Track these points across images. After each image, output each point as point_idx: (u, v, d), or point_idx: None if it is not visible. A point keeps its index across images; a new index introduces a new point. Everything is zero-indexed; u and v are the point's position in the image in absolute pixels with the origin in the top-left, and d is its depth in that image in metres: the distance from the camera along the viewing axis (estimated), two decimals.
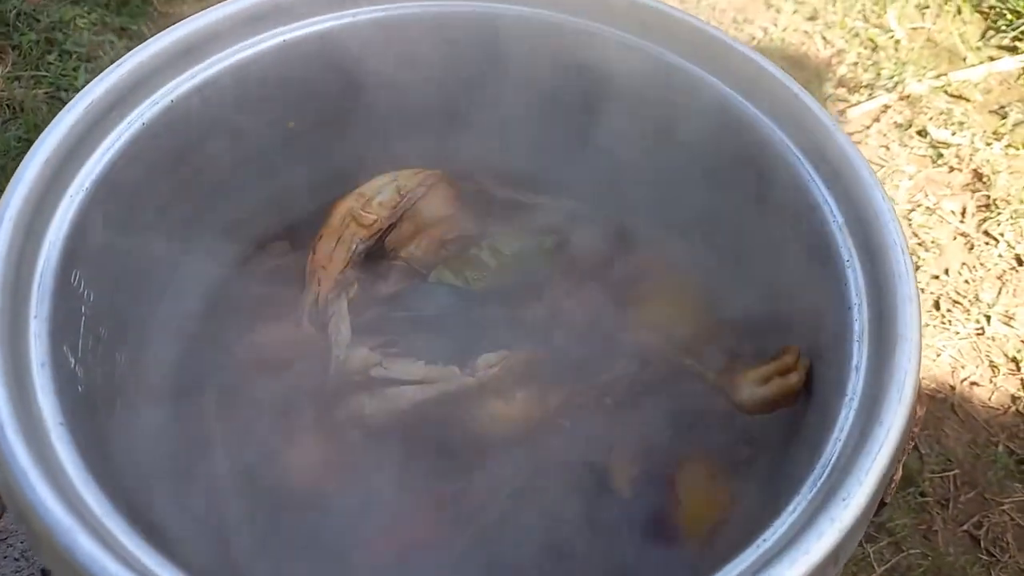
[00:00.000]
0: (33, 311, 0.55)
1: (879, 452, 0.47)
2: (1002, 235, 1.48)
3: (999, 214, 1.50)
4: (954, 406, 1.31)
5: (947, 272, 1.44)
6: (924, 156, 1.61)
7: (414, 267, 0.78)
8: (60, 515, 0.45)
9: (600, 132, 0.78)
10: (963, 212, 1.53)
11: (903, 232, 0.59)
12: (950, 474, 1.24)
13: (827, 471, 0.50)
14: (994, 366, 1.34)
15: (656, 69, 0.74)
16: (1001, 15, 1.80)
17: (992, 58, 1.75)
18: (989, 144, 1.60)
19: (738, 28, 1.79)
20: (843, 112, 1.67)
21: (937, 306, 1.40)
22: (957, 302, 1.41)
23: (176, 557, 0.46)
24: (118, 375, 0.63)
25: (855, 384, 0.54)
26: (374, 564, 0.65)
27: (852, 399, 0.53)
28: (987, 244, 1.48)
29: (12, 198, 0.55)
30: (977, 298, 1.41)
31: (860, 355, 0.55)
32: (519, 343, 0.72)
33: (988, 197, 1.53)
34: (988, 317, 1.38)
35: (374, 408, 0.67)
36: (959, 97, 1.69)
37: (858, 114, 1.67)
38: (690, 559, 0.66)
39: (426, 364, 0.68)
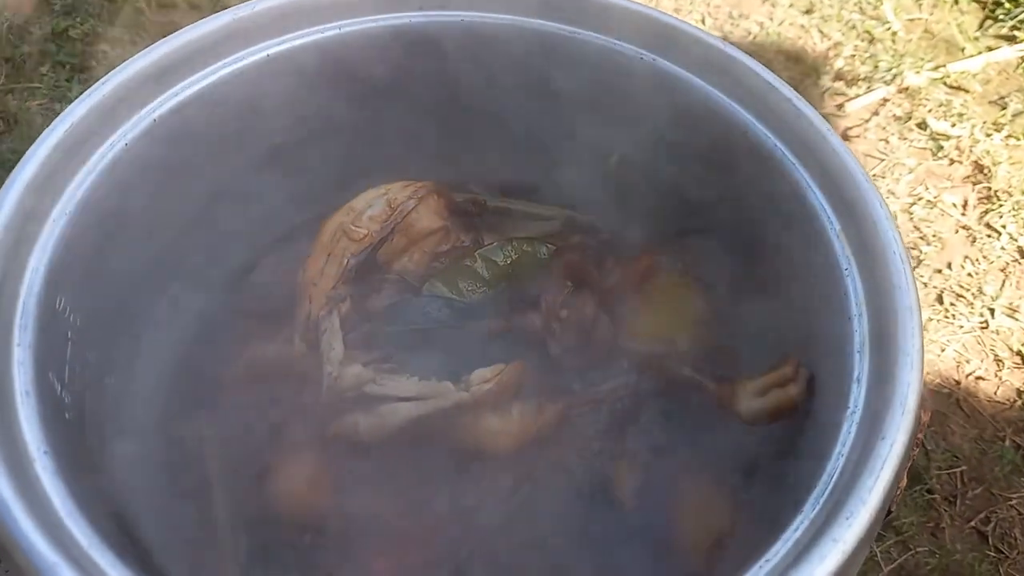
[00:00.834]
0: (16, 339, 0.54)
1: (882, 468, 0.46)
2: (1004, 227, 1.46)
3: (1001, 206, 1.49)
4: (959, 401, 1.29)
5: (950, 266, 1.43)
6: (924, 149, 1.60)
7: (407, 280, 0.77)
8: (44, 550, 0.44)
9: (593, 138, 0.77)
10: (964, 205, 1.51)
11: (901, 239, 0.57)
12: (957, 470, 1.23)
13: (830, 487, 0.49)
14: (999, 360, 1.32)
15: (645, 73, 0.73)
16: (999, 4, 1.79)
17: (991, 48, 1.73)
18: (989, 135, 1.59)
19: (734, 23, 1.77)
20: (841, 106, 1.66)
21: (940, 300, 1.39)
22: (960, 296, 1.39)
23: None
24: (108, 400, 0.62)
25: (857, 397, 0.53)
26: None
27: (854, 412, 0.52)
28: (989, 237, 1.46)
29: None
30: (980, 291, 1.40)
31: (861, 367, 0.54)
32: (514, 356, 0.71)
33: (989, 189, 1.52)
34: (992, 310, 1.37)
35: (368, 425, 0.66)
36: (958, 88, 1.67)
37: (856, 107, 1.65)
38: (692, 573, 0.65)
39: (420, 380, 0.67)
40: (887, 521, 1.16)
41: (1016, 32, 1.74)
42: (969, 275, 1.42)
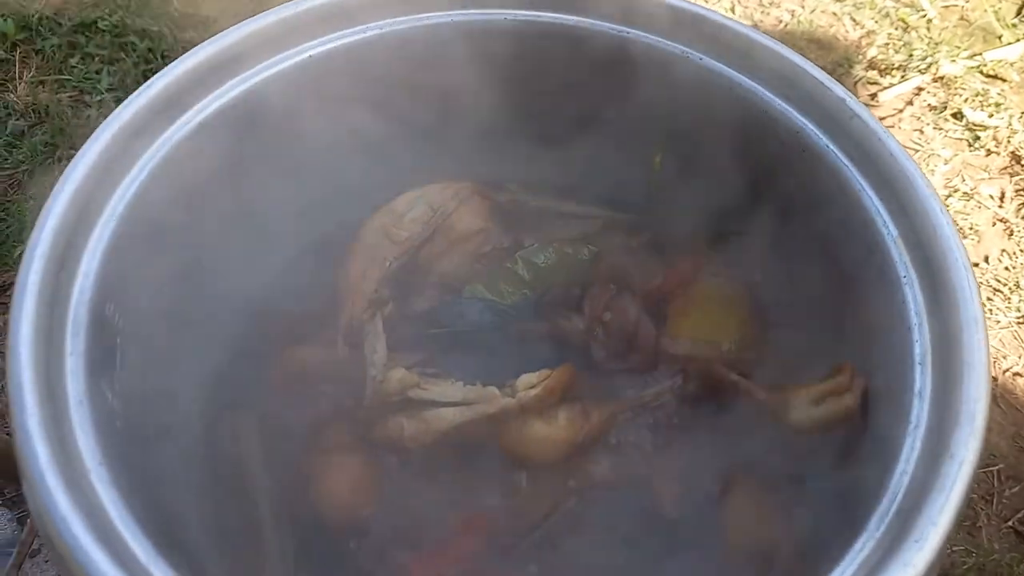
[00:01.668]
0: (69, 347, 0.53)
1: (952, 489, 0.45)
2: None
3: None
4: (996, 398, 1.27)
5: (986, 259, 1.40)
6: (960, 139, 1.57)
7: (448, 282, 0.76)
8: (106, 568, 0.44)
9: (639, 139, 0.76)
10: (1002, 196, 1.48)
11: (964, 247, 0.56)
12: (994, 469, 1.21)
13: (895, 506, 0.48)
14: None
15: (696, 73, 0.71)
16: None
17: None
18: None
19: (765, 12, 1.74)
20: (874, 95, 1.62)
21: None
22: (997, 290, 1.37)
23: None
24: (152, 405, 0.62)
25: (919, 412, 0.52)
26: None
27: (917, 427, 0.51)
28: None
29: (42, 234, 0.54)
30: (1018, 286, 1.37)
31: (923, 380, 0.53)
32: (556, 360, 0.70)
33: None
34: None
35: (413, 431, 0.66)
36: (995, 77, 1.63)
37: (890, 97, 1.62)
38: None
39: (465, 385, 0.67)
40: None
41: None
42: (1006, 269, 1.40)
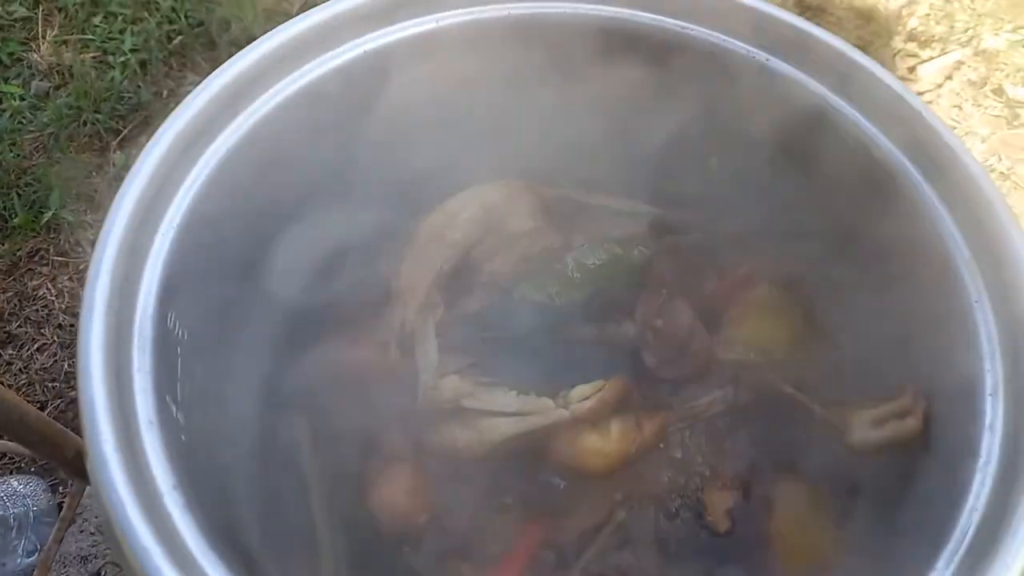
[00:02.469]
0: (136, 364, 0.53)
1: None
2: None
3: None
4: None
5: None
6: (999, 116, 1.53)
7: (498, 283, 0.75)
8: None
9: (702, 139, 0.74)
10: None
11: None
12: None
13: (964, 546, 0.48)
14: None
15: (756, 73, 0.69)
16: None
17: None
18: None
19: None
20: (913, 69, 1.59)
21: None
22: None
23: None
24: (211, 414, 0.62)
25: (990, 446, 0.51)
26: None
27: (987, 463, 0.51)
28: None
29: (106, 249, 0.53)
30: None
31: (995, 413, 0.52)
32: (607, 365, 0.70)
33: None
34: None
35: (467, 440, 0.66)
36: None
37: (930, 71, 1.58)
38: None
39: (519, 395, 0.67)
40: None
41: None
42: None
